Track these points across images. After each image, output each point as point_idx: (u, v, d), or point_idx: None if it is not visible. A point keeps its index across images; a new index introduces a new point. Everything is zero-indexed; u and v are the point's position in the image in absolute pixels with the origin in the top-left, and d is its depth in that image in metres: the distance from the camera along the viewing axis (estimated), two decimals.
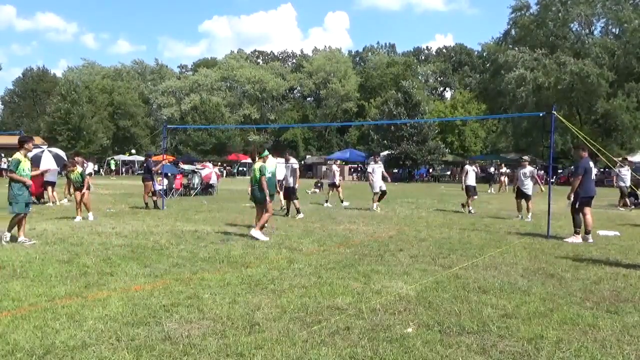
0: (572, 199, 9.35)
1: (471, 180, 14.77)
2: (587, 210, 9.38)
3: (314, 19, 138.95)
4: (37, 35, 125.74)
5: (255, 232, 8.96)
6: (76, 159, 12.05)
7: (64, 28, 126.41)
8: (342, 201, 16.76)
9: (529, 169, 12.96)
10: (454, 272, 6.44)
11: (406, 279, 6.00)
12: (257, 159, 9.68)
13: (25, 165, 8.41)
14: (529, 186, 12.88)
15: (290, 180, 13.23)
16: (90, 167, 28.25)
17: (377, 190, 14.88)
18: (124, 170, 55.18)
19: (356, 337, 4.03)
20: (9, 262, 6.64)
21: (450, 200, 19.40)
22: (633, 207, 16.54)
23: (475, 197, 14.83)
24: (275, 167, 10.56)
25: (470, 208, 14.57)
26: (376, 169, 15.10)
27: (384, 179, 15.18)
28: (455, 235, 9.90)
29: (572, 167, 10.62)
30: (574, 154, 9.95)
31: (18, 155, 8.42)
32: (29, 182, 8.39)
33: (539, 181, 13.16)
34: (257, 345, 3.82)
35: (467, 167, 15.29)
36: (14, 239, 8.26)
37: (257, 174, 9.29)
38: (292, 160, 13.60)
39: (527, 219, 12.60)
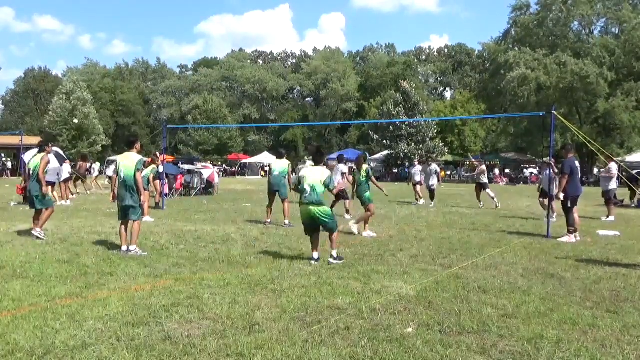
0: (561, 197, 9.39)
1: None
2: (574, 209, 9.44)
3: (310, 20, 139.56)
4: (35, 37, 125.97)
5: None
6: (80, 163, 12.12)
7: (61, 30, 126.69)
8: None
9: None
10: (454, 272, 6.44)
11: (406, 279, 6.00)
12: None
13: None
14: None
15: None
16: (97, 168, 28.29)
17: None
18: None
19: (356, 337, 4.02)
20: (9, 262, 6.63)
21: (449, 201, 19.40)
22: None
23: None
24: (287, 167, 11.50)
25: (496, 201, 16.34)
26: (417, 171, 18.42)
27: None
28: (455, 235, 9.90)
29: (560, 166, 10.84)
30: (561, 153, 10.11)
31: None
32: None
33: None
34: (257, 345, 3.82)
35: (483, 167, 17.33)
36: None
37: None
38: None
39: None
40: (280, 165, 11.43)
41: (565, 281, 6.03)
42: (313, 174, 6.90)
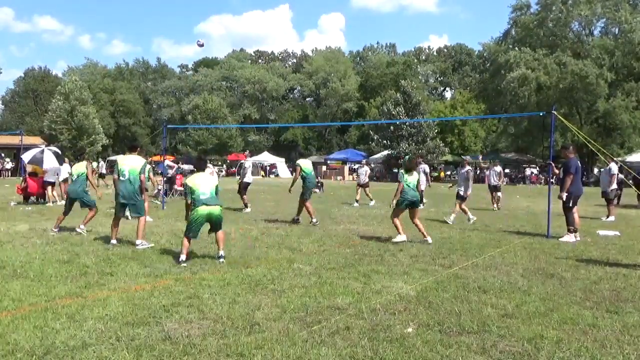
0: (564, 198, 9.38)
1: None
2: (574, 208, 9.46)
3: (310, 20, 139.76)
4: (35, 37, 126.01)
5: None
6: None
7: (61, 30, 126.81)
8: (245, 205, 14.52)
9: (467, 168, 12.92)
10: (454, 272, 6.44)
11: (406, 279, 6.00)
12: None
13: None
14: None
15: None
16: (103, 167, 27.60)
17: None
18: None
19: (356, 337, 4.03)
20: (9, 262, 6.63)
21: (450, 201, 19.38)
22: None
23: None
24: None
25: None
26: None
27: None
28: (455, 235, 9.90)
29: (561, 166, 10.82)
30: (562, 154, 10.13)
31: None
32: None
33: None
34: (257, 345, 3.82)
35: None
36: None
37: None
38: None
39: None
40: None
41: (565, 281, 6.03)
42: (208, 180, 7.16)
